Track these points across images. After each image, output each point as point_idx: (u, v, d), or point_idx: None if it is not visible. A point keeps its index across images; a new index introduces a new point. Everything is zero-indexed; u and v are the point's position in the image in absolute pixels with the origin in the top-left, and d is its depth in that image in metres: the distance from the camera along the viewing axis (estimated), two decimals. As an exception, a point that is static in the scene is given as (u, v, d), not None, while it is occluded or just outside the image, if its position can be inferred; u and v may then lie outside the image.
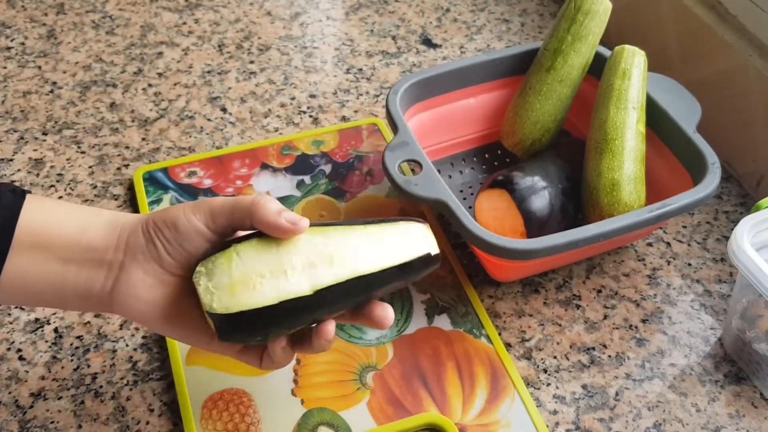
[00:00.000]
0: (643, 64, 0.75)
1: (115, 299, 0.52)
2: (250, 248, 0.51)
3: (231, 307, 0.49)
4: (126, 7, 1.06)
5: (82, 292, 0.52)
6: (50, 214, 0.53)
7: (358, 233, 0.52)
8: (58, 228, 0.52)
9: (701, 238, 0.80)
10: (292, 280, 0.50)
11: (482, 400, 0.65)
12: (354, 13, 1.07)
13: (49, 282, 0.52)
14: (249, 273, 0.49)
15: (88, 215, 0.53)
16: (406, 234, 0.54)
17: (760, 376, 0.67)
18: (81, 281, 0.52)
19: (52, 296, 0.53)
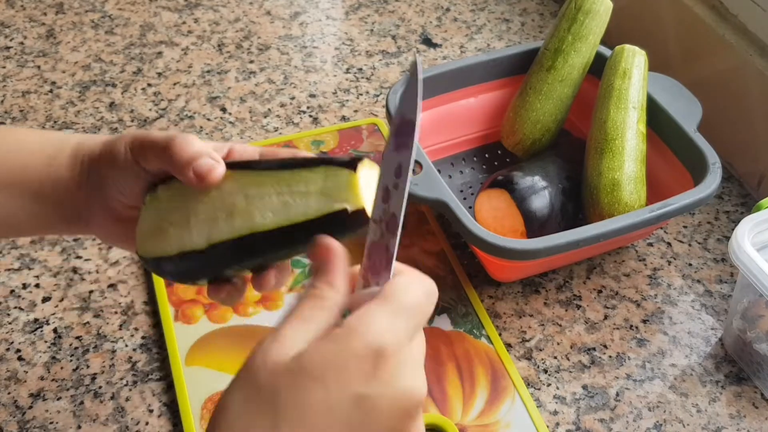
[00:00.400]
0: (644, 63, 0.75)
1: (90, 229, 0.52)
2: (167, 192, 0.47)
3: (146, 252, 0.48)
4: (125, 6, 1.06)
5: (56, 223, 0.52)
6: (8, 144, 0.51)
7: (269, 180, 0.44)
8: (20, 163, 0.50)
9: (702, 238, 0.80)
10: (193, 231, 0.46)
11: (482, 401, 0.65)
12: (354, 12, 1.07)
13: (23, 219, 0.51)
14: (161, 220, 0.47)
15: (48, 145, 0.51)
16: (323, 182, 0.43)
17: (760, 376, 0.67)
18: (56, 216, 0.51)
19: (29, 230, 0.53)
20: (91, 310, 0.71)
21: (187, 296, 0.71)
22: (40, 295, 0.72)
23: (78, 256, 0.75)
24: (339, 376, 0.35)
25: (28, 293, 0.72)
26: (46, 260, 0.75)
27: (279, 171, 0.44)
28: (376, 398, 0.36)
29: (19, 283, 0.73)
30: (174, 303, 0.71)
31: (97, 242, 0.76)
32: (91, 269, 0.74)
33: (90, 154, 0.50)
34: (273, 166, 0.45)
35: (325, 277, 0.39)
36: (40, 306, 0.71)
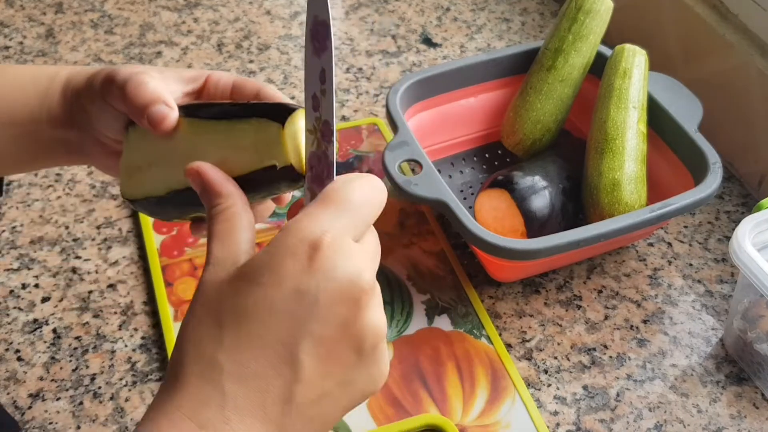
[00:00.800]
0: (644, 63, 0.75)
1: (91, 162, 0.52)
2: (134, 134, 0.47)
3: (123, 193, 0.49)
4: (125, 6, 1.06)
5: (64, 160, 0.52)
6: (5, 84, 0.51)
7: (212, 131, 0.44)
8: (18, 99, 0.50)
9: (702, 238, 0.80)
10: (155, 177, 0.46)
11: (482, 401, 0.65)
12: (354, 12, 1.07)
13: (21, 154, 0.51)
14: (130, 162, 0.48)
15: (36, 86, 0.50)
16: (255, 135, 0.42)
17: (761, 376, 0.67)
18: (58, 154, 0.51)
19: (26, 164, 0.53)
20: (91, 311, 0.71)
21: (187, 296, 0.71)
22: (40, 296, 0.72)
23: (77, 256, 0.75)
24: (275, 275, 0.35)
25: (27, 293, 0.72)
26: (46, 260, 0.75)
27: (219, 121, 0.44)
28: (316, 291, 0.35)
29: (19, 283, 0.73)
30: (174, 303, 0.70)
31: (96, 242, 0.76)
32: (90, 269, 0.74)
33: (75, 90, 0.49)
34: (215, 115, 0.44)
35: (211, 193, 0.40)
36: (39, 306, 0.71)
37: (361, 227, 0.38)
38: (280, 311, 0.35)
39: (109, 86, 0.46)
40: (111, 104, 0.47)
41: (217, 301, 0.36)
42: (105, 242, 0.76)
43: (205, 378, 0.35)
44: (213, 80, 0.48)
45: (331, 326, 0.36)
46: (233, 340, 0.35)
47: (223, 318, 0.36)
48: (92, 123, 0.49)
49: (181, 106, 0.46)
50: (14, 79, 0.51)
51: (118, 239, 0.77)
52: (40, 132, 0.50)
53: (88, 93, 0.48)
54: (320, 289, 0.35)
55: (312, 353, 0.35)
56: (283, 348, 0.35)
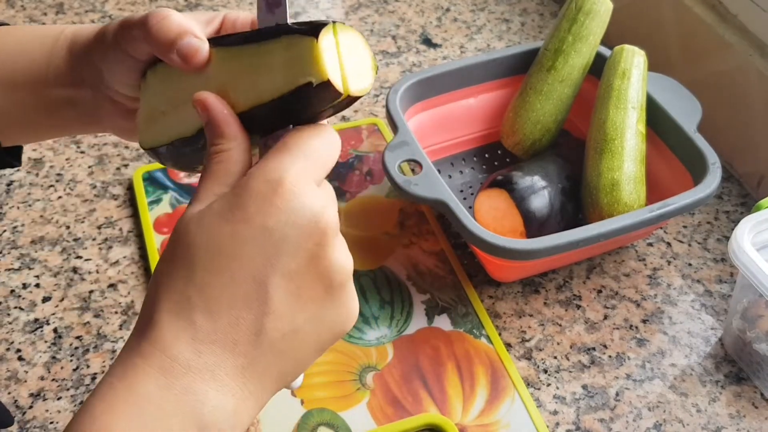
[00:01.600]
0: (643, 63, 0.75)
1: (104, 128, 0.50)
2: (154, 78, 0.44)
3: (144, 143, 0.46)
4: (125, 6, 1.06)
5: (78, 128, 0.50)
6: (6, 47, 0.49)
7: (240, 57, 0.41)
8: (21, 65, 0.48)
9: (702, 238, 0.80)
10: (182, 117, 0.43)
11: (482, 401, 0.65)
12: (354, 12, 1.07)
13: (35, 120, 0.50)
14: (152, 108, 0.45)
15: (43, 48, 0.48)
16: (286, 54, 0.39)
17: (760, 376, 0.67)
18: (71, 119, 0.49)
19: (42, 130, 0.51)
20: (92, 310, 0.71)
21: (187, 296, 0.71)
22: (41, 295, 0.72)
23: (78, 256, 0.75)
24: (244, 212, 0.36)
25: (28, 293, 0.72)
26: (46, 260, 0.75)
27: (246, 45, 0.40)
28: (284, 227, 0.36)
29: (19, 282, 0.73)
30: (174, 303, 0.71)
31: (97, 242, 0.76)
32: (91, 269, 0.74)
33: (84, 46, 0.47)
34: (241, 41, 0.41)
35: (215, 131, 0.40)
36: (40, 306, 0.71)
37: (321, 171, 0.39)
38: (249, 247, 0.36)
39: (127, 30, 0.43)
40: (128, 51, 0.44)
41: (186, 240, 0.37)
42: (106, 242, 0.77)
43: (176, 313, 0.36)
44: (230, 20, 0.46)
45: (299, 261, 0.36)
46: (203, 276, 0.36)
47: (194, 254, 0.36)
48: (104, 79, 0.46)
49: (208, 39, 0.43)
50: (18, 40, 0.49)
51: (118, 239, 0.77)
52: (48, 93, 0.48)
53: (100, 47, 0.45)
54: (288, 224, 0.36)
55: (281, 287, 0.36)
56: (253, 282, 0.36)
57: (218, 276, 0.36)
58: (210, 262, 0.36)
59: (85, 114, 0.49)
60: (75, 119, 0.50)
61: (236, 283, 0.36)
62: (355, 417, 0.64)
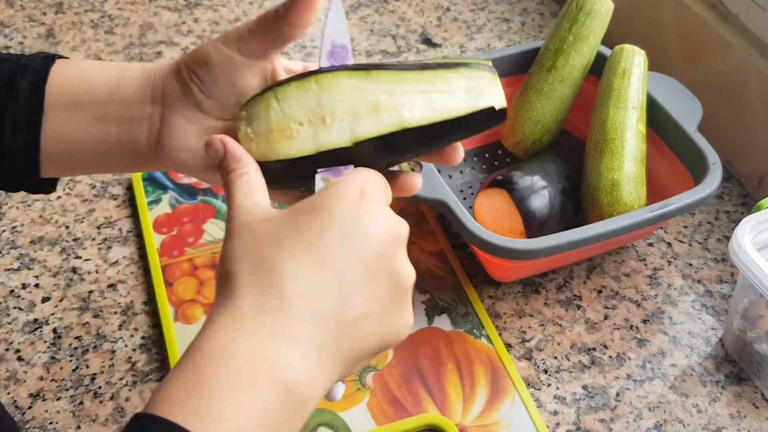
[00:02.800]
0: (643, 63, 0.75)
1: (161, 153, 0.50)
2: (289, 92, 0.46)
3: (268, 154, 0.46)
4: (125, 6, 1.06)
5: (128, 149, 0.50)
6: (80, 70, 0.51)
7: (411, 79, 0.46)
8: (89, 85, 0.50)
9: (702, 238, 0.80)
10: (332, 129, 0.46)
11: (482, 401, 0.65)
12: (354, 12, 1.07)
13: (92, 143, 0.50)
14: (287, 120, 0.46)
15: (119, 68, 0.51)
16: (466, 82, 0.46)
17: (761, 376, 0.67)
18: (124, 140, 0.50)
19: (100, 158, 0.51)
20: (91, 310, 0.71)
21: (187, 296, 0.71)
22: (40, 295, 0.72)
23: (77, 256, 0.75)
24: (331, 209, 0.41)
25: (27, 293, 0.72)
26: (46, 260, 0.75)
27: (419, 71, 0.46)
28: (367, 224, 0.41)
29: (19, 283, 0.73)
30: (174, 303, 0.70)
31: (96, 242, 0.76)
32: (90, 269, 0.74)
33: (163, 71, 0.49)
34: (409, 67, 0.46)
35: (232, 159, 0.44)
36: (39, 306, 0.71)
37: (389, 198, 0.44)
38: (335, 233, 0.40)
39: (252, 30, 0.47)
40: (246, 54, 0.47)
41: (268, 231, 0.41)
42: (105, 242, 0.76)
43: (264, 283, 0.39)
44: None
45: (376, 256, 0.41)
46: (291, 251, 0.40)
47: (281, 239, 0.40)
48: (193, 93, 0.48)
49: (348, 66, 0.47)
50: (83, 71, 0.51)
51: (118, 239, 0.77)
52: (108, 117, 0.49)
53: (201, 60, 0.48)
54: (370, 222, 0.41)
55: (360, 273, 0.40)
56: (337, 263, 0.40)
57: (307, 253, 0.40)
58: (297, 243, 0.40)
59: (140, 137, 0.50)
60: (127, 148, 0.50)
61: (320, 261, 0.40)
62: (355, 417, 0.63)
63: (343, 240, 0.40)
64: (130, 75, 0.50)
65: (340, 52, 0.46)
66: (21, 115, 0.48)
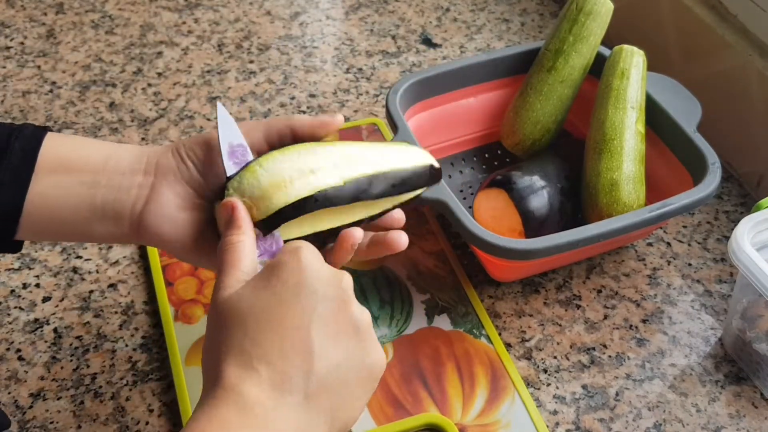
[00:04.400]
0: (642, 63, 0.75)
1: (144, 221, 0.51)
2: (271, 159, 0.51)
3: (269, 209, 0.49)
4: (125, 6, 1.06)
5: (111, 215, 0.51)
6: (74, 142, 0.53)
7: (369, 146, 0.54)
8: (81, 155, 0.52)
9: (701, 238, 0.80)
10: (321, 175, 0.51)
11: (482, 400, 0.65)
12: (354, 12, 1.07)
13: (75, 206, 0.51)
14: (277, 179, 0.50)
15: (112, 145, 0.54)
16: (409, 151, 0.57)
17: (760, 376, 0.67)
18: (109, 206, 0.51)
19: (78, 224, 0.52)
20: (92, 310, 0.71)
21: (188, 296, 0.71)
22: (41, 295, 0.72)
23: (78, 256, 0.75)
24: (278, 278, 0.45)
25: (28, 293, 0.72)
26: (47, 260, 0.75)
27: (372, 143, 0.55)
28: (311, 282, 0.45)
29: (20, 282, 0.73)
30: (174, 303, 0.71)
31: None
32: (91, 269, 0.74)
33: (158, 150, 0.53)
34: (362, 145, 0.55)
35: (234, 224, 0.48)
36: (40, 306, 0.71)
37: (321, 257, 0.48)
38: (288, 303, 0.44)
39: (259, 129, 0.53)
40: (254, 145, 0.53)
41: (236, 310, 0.44)
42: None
43: (241, 365, 0.42)
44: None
45: (330, 307, 0.44)
46: (256, 334, 0.43)
47: (245, 320, 0.44)
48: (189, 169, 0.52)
49: None
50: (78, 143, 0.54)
51: (118, 239, 0.77)
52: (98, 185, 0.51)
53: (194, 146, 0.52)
54: (314, 278, 0.44)
55: (320, 331, 0.43)
56: (297, 331, 0.43)
57: (269, 332, 0.43)
58: (260, 323, 0.43)
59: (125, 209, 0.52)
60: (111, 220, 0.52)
61: (284, 334, 0.43)
62: (355, 417, 0.64)
63: (295, 306, 0.44)
64: (125, 150, 0.53)
65: (239, 151, 0.51)
66: (11, 174, 0.50)
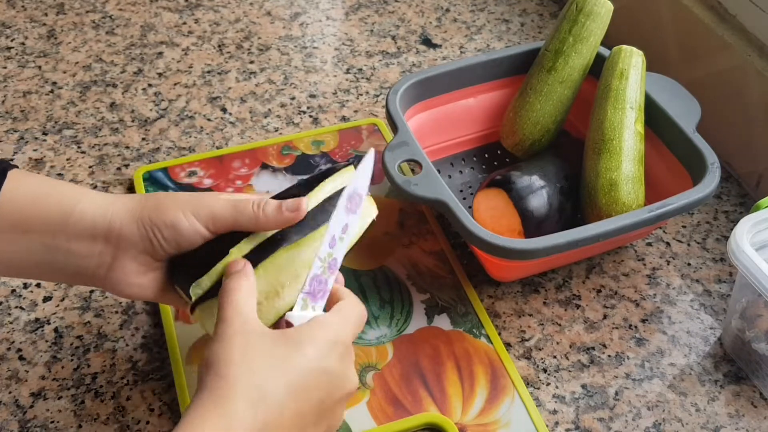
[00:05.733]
0: (641, 64, 0.75)
1: (107, 284, 0.54)
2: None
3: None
4: (126, 7, 1.06)
5: (72, 274, 0.54)
6: (35, 188, 0.53)
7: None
8: (41, 207, 0.52)
9: (701, 237, 0.80)
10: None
11: (482, 400, 0.65)
12: (354, 13, 1.07)
13: (36, 266, 0.53)
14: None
15: (75, 193, 0.53)
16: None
17: (759, 375, 0.67)
18: (71, 269, 0.53)
19: (40, 275, 0.55)
20: (92, 310, 0.71)
21: (188, 296, 0.71)
22: (41, 295, 0.72)
23: (79, 255, 0.75)
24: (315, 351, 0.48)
25: (29, 293, 0.72)
26: (47, 260, 0.75)
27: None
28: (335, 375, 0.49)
29: (20, 282, 0.73)
30: (174, 302, 0.71)
31: (97, 242, 0.77)
32: (91, 269, 0.74)
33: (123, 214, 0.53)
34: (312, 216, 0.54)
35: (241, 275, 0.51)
36: (41, 305, 0.71)
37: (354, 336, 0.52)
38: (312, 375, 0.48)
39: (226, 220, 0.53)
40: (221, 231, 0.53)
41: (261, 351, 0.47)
42: (106, 242, 0.77)
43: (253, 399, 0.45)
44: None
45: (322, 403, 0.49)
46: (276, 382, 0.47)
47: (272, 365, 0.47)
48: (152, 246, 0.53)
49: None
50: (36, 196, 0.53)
51: (119, 239, 0.77)
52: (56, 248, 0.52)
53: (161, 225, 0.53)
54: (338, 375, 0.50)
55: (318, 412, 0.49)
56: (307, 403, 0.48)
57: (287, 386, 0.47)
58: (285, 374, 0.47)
59: (84, 269, 0.53)
60: (72, 277, 0.54)
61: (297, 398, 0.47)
62: (355, 416, 0.64)
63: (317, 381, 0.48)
64: (88, 203, 0.53)
65: (356, 200, 0.53)
66: None
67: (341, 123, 0.90)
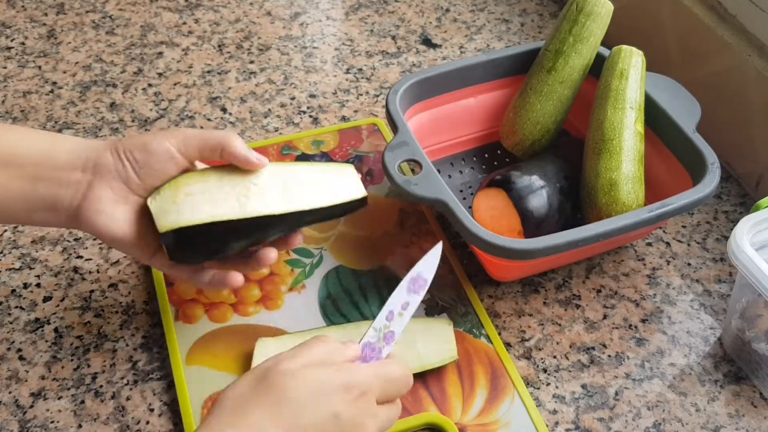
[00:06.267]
0: (641, 64, 0.75)
1: (81, 213, 0.56)
2: (197, 176, 0.57)
3: (173, 224, 0.55)
4: (126, 7, 1.06)
5: (50, 206, 0.56)
6: (15, 133, 0.57)
7: (294, 171, 0.60)
8: (26, 149, 0.56)
9: (701, 237, 0.80)
10: (228, 204, 0.56)
11: (482, 400, 0.65)
12: (354, 13, 1.07)
13: (14, 198, 0.55)
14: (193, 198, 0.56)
15: (52, 137, 0.58)
16: (339, 176, 0.62)
17: (759, 375, 0.68)
18: (48, 199, 0.56)
19: (16, 212, 0.56)
20: (92, 310, 0.71)
21: (188, 296, 0.71)
22: (41, 295, 0.72)
23: (79, 255, 0.75)
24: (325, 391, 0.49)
25: (29, 293, 0.72)
26: (47, 260, 0.75)
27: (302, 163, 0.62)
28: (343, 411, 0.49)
29: (20, 282, 0.73)
30: (174, 302, 0.71)
31: (97, 242, 0.77)
32: (92, 269, 0.74)
33: (98, 146, 0.57)
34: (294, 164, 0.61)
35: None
36: (41, 305, 0.71)
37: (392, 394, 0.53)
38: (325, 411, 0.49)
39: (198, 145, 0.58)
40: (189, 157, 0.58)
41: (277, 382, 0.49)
42: (106, 242, 0.77)
43: None
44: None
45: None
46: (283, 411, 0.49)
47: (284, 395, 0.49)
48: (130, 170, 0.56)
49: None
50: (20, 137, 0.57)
51: (119, 239, 0.77)
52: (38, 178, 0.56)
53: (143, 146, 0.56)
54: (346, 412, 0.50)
55: None
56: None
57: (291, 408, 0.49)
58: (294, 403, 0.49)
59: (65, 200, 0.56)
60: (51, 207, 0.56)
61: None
62: (355, 416, 0.64)
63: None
64: (63, 144, 0.57)
65: (420, 282, 0.57)
66: None
67: (341, 123, 0.90)
